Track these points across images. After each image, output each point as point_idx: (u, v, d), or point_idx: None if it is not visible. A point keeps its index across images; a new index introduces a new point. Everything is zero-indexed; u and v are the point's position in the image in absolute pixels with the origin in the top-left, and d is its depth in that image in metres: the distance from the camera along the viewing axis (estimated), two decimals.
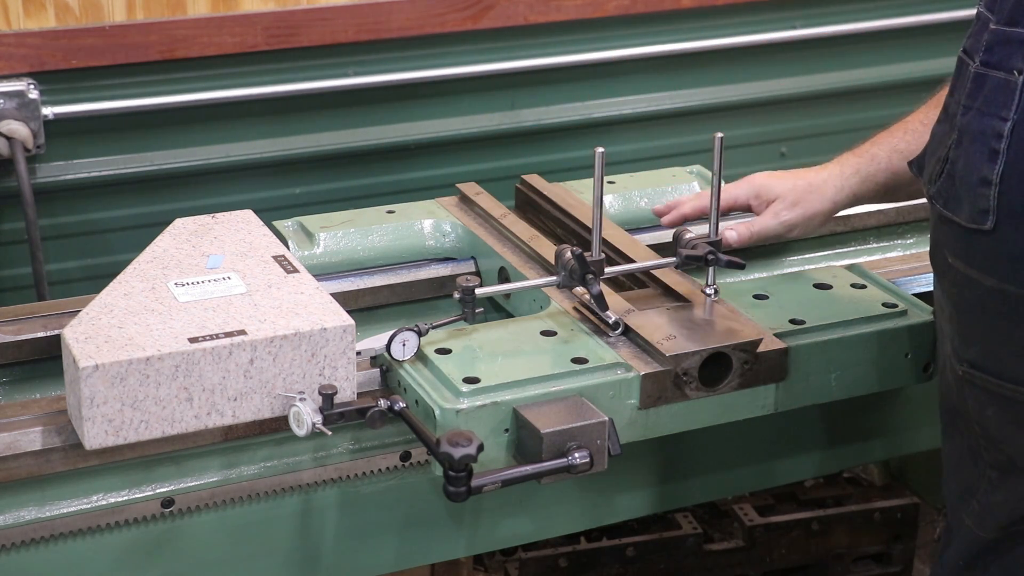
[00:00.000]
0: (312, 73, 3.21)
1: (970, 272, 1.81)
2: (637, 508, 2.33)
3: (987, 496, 1.92)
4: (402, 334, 1.96)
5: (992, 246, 1.77)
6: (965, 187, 1.82)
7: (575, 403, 1.92)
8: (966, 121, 1.84)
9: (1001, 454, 1.89)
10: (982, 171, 1.79)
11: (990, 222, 1.79)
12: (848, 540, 3.15)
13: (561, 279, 2.08)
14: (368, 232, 2.34)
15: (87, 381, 1.75)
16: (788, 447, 2.38)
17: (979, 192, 1.79)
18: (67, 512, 1.89)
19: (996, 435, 1.88)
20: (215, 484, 1.95)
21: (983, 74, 1.83)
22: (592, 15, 3.40)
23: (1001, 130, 1.79)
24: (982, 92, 1.82)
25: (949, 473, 2.01)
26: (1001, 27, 1.82)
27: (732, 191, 2.27)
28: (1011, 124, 1.78)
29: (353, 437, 2.01)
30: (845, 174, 2.24)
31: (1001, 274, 1.78)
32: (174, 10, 3.07)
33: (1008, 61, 1.80)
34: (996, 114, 1.80)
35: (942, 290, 1.92)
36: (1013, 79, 1.79)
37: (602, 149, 2.02)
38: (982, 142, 1.81)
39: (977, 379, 1.87)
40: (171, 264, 2.01)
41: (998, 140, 1.79)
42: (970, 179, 1.81)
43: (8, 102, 2.94)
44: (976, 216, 1.80)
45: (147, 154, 3.14)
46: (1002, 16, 1.82)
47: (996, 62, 1.82)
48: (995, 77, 1.81)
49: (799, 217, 2.24)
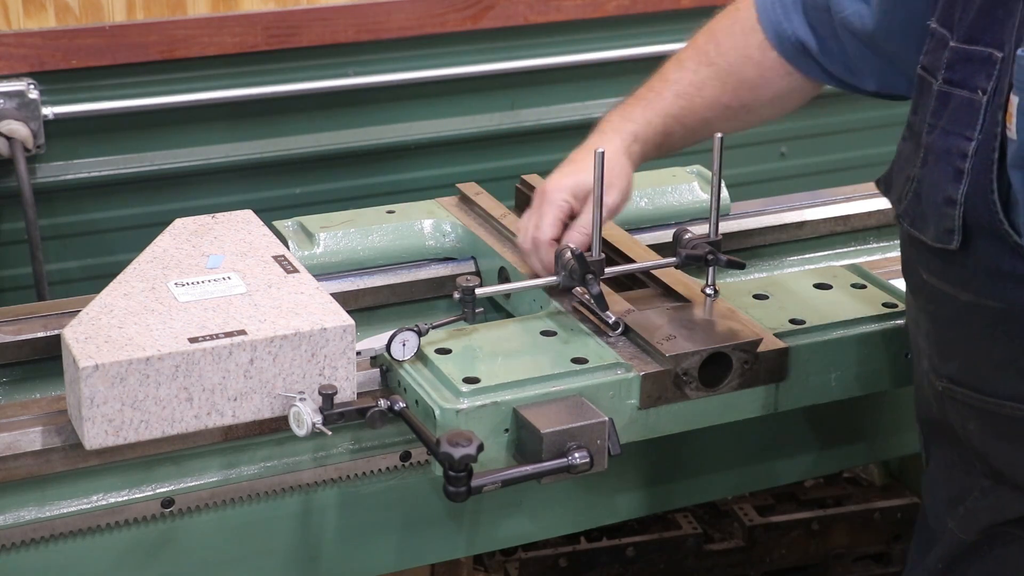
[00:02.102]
0: (312, 73, 3.21)
1: (945, 288, 1.79)
2: (637, 508, 2.33)
3: (976, 502, 1.92)
4: (402, 334, 1.96)
5: (963, 262, 1.76)
6: (931, 206, 1.80)
7: (575, 403, 1.92)
8: (931, 140, 1.82)
9: (987, 466, 1.89)
10: (947, 191, 1.77)
11: (955, 242, 1.77)
12: (848, 540, 3.15)
13: (561, 279, 2.08)
14: (368, 232, 2.34)
15: (87, 381, 1.75)
16: (788, 447, 2.38)
17: (944, 212, 1.77)
18: (67, 512, 1.89)
19: (980, 448, 1.88)
20: (215, 484, 1.95)
21: (947, 92, 1.81)
22: (592, 15, 3.41)
23: (965, 149, 1.77)
24: (946, 110, 1.81)
25: (935, 481, 2.00)
26: (961, 44, 1.80)
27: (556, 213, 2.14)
28: (975, 144, 1.76)
29: (353, 437, 2.01)
30: (627, 141, 2.20)
31: (976, 289, 1.76)
32: (174, 10, 3.07)
33: (971, 79, 1.78)
34: (960, 133, 1.78)
35: (918, 307, 1.90)
36: (977, 98, 1.77)
37: (602, 149, 2.02)
38: (947, 161, 1.79)
39: (957, 394, 1.86)
40: (171, 264, 2.01)
41: (962, 159, 1.77)
42: (935, 198, 1.79)
43: (8, 102, 2.94)
44: (942, 236, 1.79)
45: (147, 154, 3.14)
46: (960, 33, 1.80)
47: (959, 80, 1.80)
48: (959, 95, 1.79)
49: (619, 196, 2.18)
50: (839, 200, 2.64)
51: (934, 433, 1.99)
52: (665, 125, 2.22)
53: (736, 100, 2.23)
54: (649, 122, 2.21)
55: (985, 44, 1.76)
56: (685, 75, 2.23)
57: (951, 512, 1.95)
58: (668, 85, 2.23)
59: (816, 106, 3.68)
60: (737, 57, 2.21)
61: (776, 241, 2.58)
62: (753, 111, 2.26)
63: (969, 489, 1.92)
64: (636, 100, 2.25)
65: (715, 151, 2.09)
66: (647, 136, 2.21)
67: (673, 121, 2.22)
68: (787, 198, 2.66)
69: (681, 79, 2.23)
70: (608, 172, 2.05)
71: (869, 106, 3.68)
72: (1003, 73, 1.74)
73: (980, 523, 1.91)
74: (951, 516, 1.95)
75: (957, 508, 1.94)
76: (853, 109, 3.72)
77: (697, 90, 2.21)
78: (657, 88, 2.24)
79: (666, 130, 2.22)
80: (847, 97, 3.68)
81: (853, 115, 3.73)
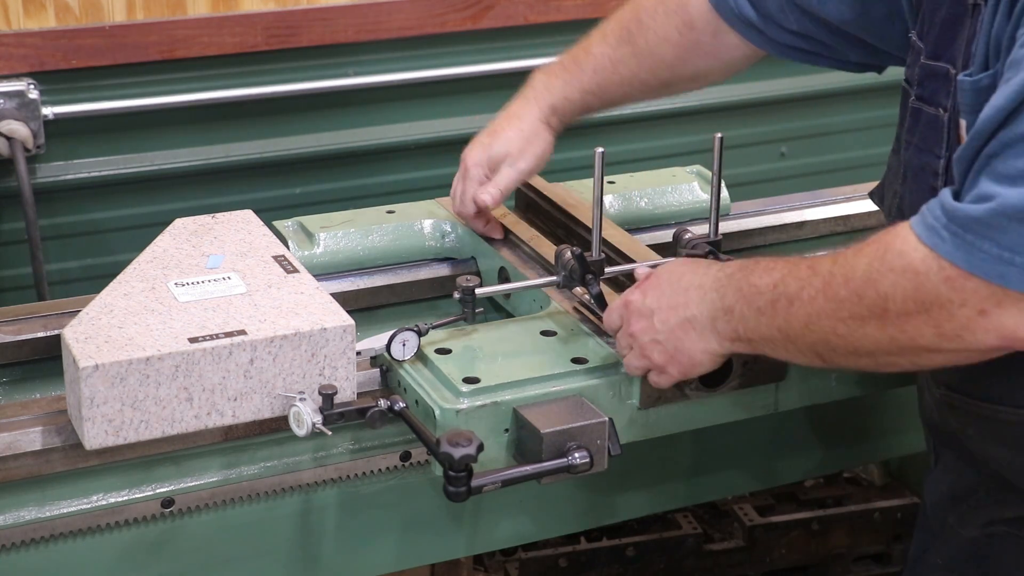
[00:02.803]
0: (312, 73, 3.21)
1: None
2: (637, 508, 2.33)
3: (979, 500, 1.92)
4: (402, 334, 1.96)
5: None
6: None
7: (575, 403, 1.92)
8: (908, 156, 1.83)
9: (988, 469, 1.89)
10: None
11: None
12: (848, 540, 3.15)
13: (561, 279, 2.08)
14: (368, 232, 2.34)
15: (87, 381, 1.75)
16: (788, 447, 2.38)
17: None
18: (67, 512, 1.89)
19: (980, 453, 1.88)
20: (215, 484, 1.95)
21: (918, 108, 1.82)
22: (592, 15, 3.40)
23: (936, 167, 1.78)
24: (919, 127, 1.81)
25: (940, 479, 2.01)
26: (928, 60, 1.80)
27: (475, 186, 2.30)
28: (944, 161, 1.77)
29: (353, 437, 2.01)
30: (546, 113, 2.30)
31: None
32: (174, 10, 3.07)
33: (935, 96, 1.79)
34: (931, 150, 1.79)
35: None
36: (940, 115, 1.77)
37: (602, 149, 2.03)
38: (923, 179, 1.80)
39: (956, 401, 1.86)
40: (171, 264, 2.01)
41: (935, 177, 1.78)
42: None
43: (8, 102, 2.94)
44: None
45: (147, 154, 3.13)
46: (928, 48, 1.81)
47: (928, 96, 1.80)
48: (928, 112, 1.80)
49: (533, 161, 2.29)
50: (839, 200, 2.64)
51: (938, 436, 1.99)
52: (583, 100, 2.30)
53: (654, 78, 2.28)
54: (567, 97, 2.29)
55: (945, 60, 1.78)
56: (605, 50, 2.28)
57: (953, 509, 1.95)
58: (589, 59, 2.29)
59: (816, 106, 3.72)
60: (656, 38, 2.24)
61: (776, 241, 2.58)
62: (672, 86, 2.32)
63: (973, 490, 1.93)
64: (560, 69, 2.32)
65: (715, 151, 2.09)
66: (564, 110, 2.31)
67: (591, 96, 2.30)
68: (787, 198, 2.66)
69: (602, 54, 2.28)
70: (522, 140, 2.26)
71: (869, 106, 3.69)
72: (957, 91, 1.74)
73: (980, 519, 1.91)
74: (952, 513, 1.95)
75: (960, 506, 1.95)
76: (853, 109, 3.72)
77: (614, 66, 2.26)
78: (580, 59, 2.30)
79: (584, 104, 2.31)
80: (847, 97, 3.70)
81: (853, 115, 3.73)
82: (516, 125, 2.30)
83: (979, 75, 1.67)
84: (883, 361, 1.69)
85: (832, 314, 1.68)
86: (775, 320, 1.74)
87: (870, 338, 1.66)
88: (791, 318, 1.72)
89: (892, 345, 1.66)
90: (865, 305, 1.64)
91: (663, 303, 1.86)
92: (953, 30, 1.77)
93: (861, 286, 1.65)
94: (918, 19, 1.88)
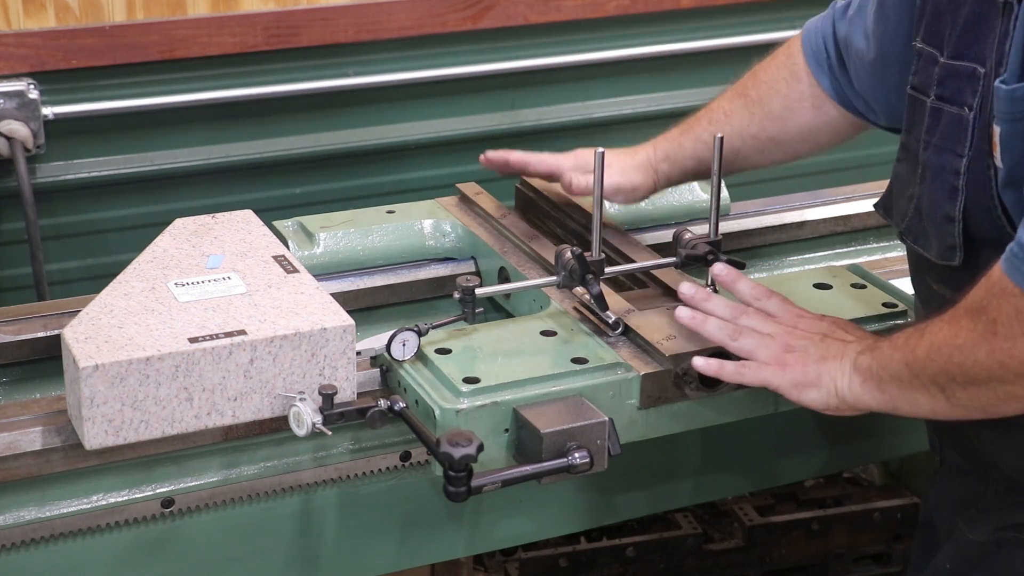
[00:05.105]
0: (312, 73, 3.21)
1: (956, 297, 1.80)
2: (637, 508, 2.33)
3: (989, 503, 1.92)
4: (402, 334, 1.96)
5: (972, 273, 1.76)
6: (932, 224, 1.83)
7: (575, 403, 1.92)
8: (927, 157, 1.83)
9: (1000, 472, 1.89)
10: (945, 208, 1.80)
11: (958, 258, 1.80)
12: (848, 540, 3.15)
13: (561, 279, 2.08)
14: (368, 232, 2.34)
15: (87, 381, 1.75)
16: (788, 447, 2.38)
17: (945, 229, 1.80)
18: (67, 512, 1.89)
19: (993, 456, 1.88)
20: (215, 484, 1.95)
21: (939, 108, 1.82)
22: (592, 15, 3.40)
23: (958, 166, 1.78)
24: (939, 126, 1.82)
25: (947, 482, 2.01)
26: (949, 60, 1.81)
27: (558, 159, 2.33)
28: (966, 160, 1.78)
29: (353, 437, 2.01)
30: (658, 157, 2.30)
31: None
32: (174, 10, 3.07)
33: (959, 95, 1.79)
34: (952, 150, 1.79)
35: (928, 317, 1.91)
36: (965, 114, 1.78)
37: (602, 149, 2.03)
38: (943, 179, 1.80)
39: None
40: (171, 264, 2.01)
41: (956, 177, 1.78)
42: (935, 215, 1.82)
43: (8, 102, 2.94)
44: (944, 253, 1.82)
45: (147, 154, 3.14)
46: (949, 49, 1.81)
47: (949, 96, 1.81)
48: (949, 112, 1.80)
49: (627, 183, 2.28)
50: (839, 200, 2.65)
51: (948, 439, 1.99)
52: (695, 149, 2.27)
53: (763, 131, 2.25)
54: (681, 144, 2.28)
55: (970, 60, 1.78)
56: (722, 103, 2.28)
57: (962, 513, 1.95)
58: (707, 111, 2.30)
59: None
60: (767, 90, 2.24)
61: (776, 241, 2.58)
62: (781, 144, 2.28)
63: (982, 493, 1.93)
64: (683, 122, 2.31)
65: (715, 151, 2.09)
66: (676, 157, 2.28)
67: (702, 146, 2.25)
68: (787, 198, 2.67)
69: (718, 107, 2.29)
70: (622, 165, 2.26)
71: None
72: (986, 90, 1.74)
73: (991, 524, 1.91)
74: (962, 516, 1.95)
75: (969, 509, 1.94)
76: None
77: (727, 117, 2.26)
78: (700, 113, 2.31)
79: (695, 154, 2.27)
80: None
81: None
82: (626, 156, 2.30)
83: (1015, 84, 1.69)
84: (1001, 393, 1.72)
85: (950, 340, 1.73)
86: (904, 354, 1.80)
87: (981, 365, 1.70)
88: (918, 348, 1.78)
89: (1003, 371, 1.69)
90: (978, 330, 1.69)
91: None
92: (978, 29, 1.77)
93: (976, 312, 1.70)
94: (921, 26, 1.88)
